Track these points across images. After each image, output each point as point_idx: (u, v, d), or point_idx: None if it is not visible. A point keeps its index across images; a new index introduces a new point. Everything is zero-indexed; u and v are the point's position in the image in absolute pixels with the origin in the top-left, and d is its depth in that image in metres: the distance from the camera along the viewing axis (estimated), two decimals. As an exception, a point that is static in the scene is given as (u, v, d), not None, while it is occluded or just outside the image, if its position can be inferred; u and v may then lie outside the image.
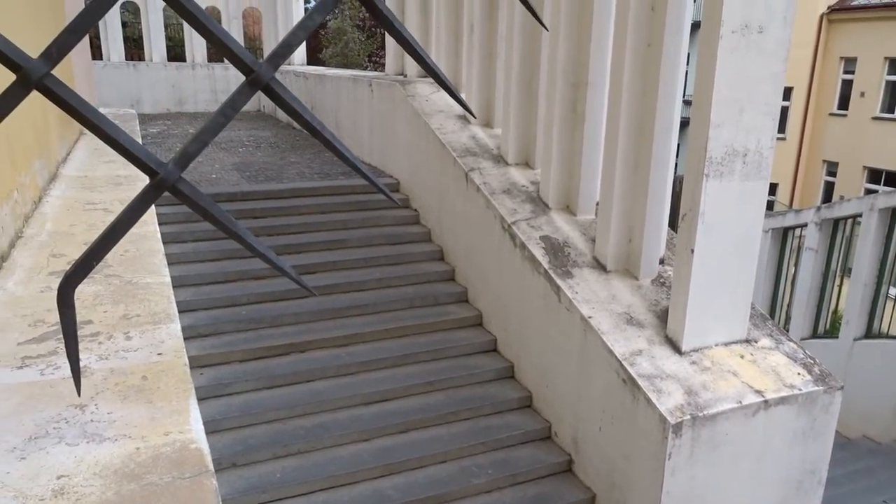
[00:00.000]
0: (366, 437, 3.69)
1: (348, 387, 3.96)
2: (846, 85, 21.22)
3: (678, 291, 3.17)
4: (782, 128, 21.20)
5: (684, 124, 3.70)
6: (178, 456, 1.00)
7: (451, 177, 4.92)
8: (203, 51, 10.82)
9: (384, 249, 5.21)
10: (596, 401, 3.42)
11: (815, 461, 3.26)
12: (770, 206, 18.32)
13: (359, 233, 5.32)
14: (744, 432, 3.01)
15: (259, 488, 3.27)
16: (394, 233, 5.43)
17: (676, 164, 3.79)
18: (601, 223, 3.74)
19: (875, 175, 20.30)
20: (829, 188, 21.66)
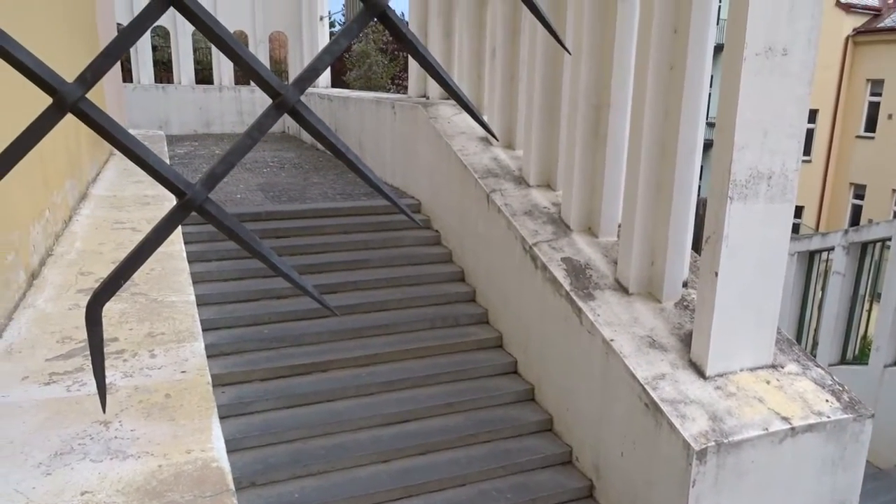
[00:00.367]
0: (385, 459, 3.67)
1: (368, 407, 3.95)
2: (873, 107, 20.96)
3: (702, 315, 3.12)
4: (807, 150, 20.97)
5: (708, 146, 3.69)
6: (200, 474, 1.01)
7: (473, 198, 4.93)
8: (230, 73, 11.05)
9: (405, 270, 5.23)
10: (618, 425, 3.37)
11: (846, 491, 3.17)
12: (795, 229, 18.06)
13: (380, 253, 5.34)
14: (770, 460, 2.94)
15: (278, 508, 3.26)
16: (415, 253, 5.45)
17: (700, 187, 3.76)
18: (623, 245, 3.72)
19: (904, 198, 19.93)
20: (857, 211, 21.31)
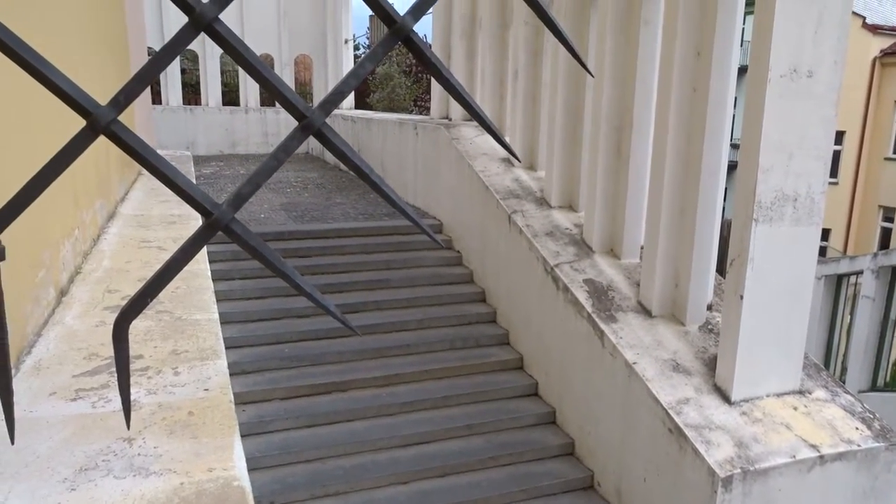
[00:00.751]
0: (404, 480, 3.64)
1: (388, 428, 3.94)
2: (902, 128, 20.66)
3: (727, 338, 3.08)
4: (834, 172, 20.69)
5: (732, 167, 3.66)
6: (221, 493, 1.01)
7: (494, 219, 4.93)
8: (256, 95, 11.25)
9: (426, 290, 5.23)
10: (641, 450, 3.31)
11: (878, 523, 3.07)
12: (822, 253, 17.76)
13: (401, 273, 5.36)
14: (798, 489, 2.87)
15: (296, 529, 3.25)
16: (436, 274, 5.46)
17: (724, 208, 3.73)
18: (646, 267, 3.69)
19: (935, 221, 19.54)
20: (886, 234, 20.91)
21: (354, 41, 12.77)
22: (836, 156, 20.38)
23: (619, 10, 3.89)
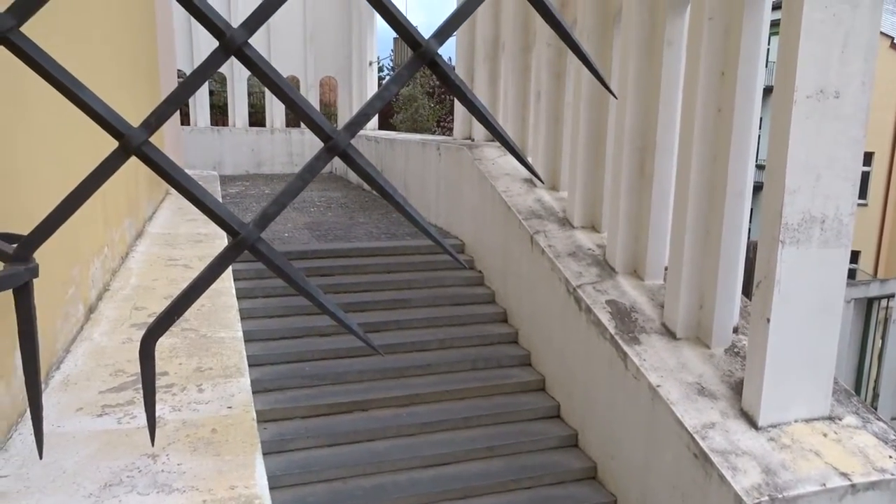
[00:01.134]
0: (424, 502, 3.61)
1: (408, 448, 3.92)
2: (933, 149, 20.25)
3: (754, 362, 3.02)
4: (863, 194, 20.31)
5: (758, 188, 3.62)
6: (242, 511, 1.02)
7: (516, 239, 4.93)
8: (282, 116, 11.43)
9: (448, 310, 5.23)
10: (665, 475, 3.25)
11: (913, 555, 2.97)
12: (852, 275, 17.40)
13: (423, 293, 5.36)
14: (829, 518, 2.78)
15: (316, 549, 3.23)
16: (457, 294, 5.45)
17: (750, 230, 3.69)
18: (670, 289, 3.65)
19: (969, 244, 19.05)
20: (918, 257, 20.41)
21: (379, 63, 12.94)
22: (865, 177, 20.03)
23: (643, 32, 3.89)
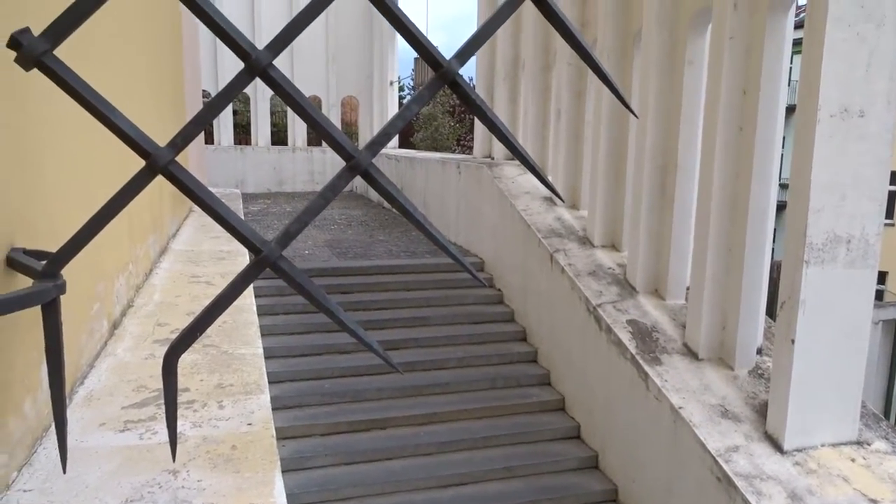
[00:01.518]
0: (442, 523, 3.58)
1: (426, 468, 3.89)
2: (962, 168, 19.90)
3: (778, 384, 2.97)
4: (891, 213, 19.98)
5: (781, 207, 3.58)
6: (260, 528, 1.02)
7: (536, 257, 4.91)
8: (303, 135, 11.57)
9: (466, 328, 5.21)
10: (687, 499, 3.19)
11: (947, 586, 2.87)
12: (879, 296, 17.07)
13: (442, 311, 5.36)
14: (859, 546, 2.71)
15: (333, 569, 3.21)
16: (477, 312, 5.44)
17: (773, 249, 3.64)
18: (692, 308, 3.61)
19: None
20: (948, 278, 19.97)
21: (399, 82, 13.07)
22: (893, 196, 19.72)
23: (663, 51, 3.90)
